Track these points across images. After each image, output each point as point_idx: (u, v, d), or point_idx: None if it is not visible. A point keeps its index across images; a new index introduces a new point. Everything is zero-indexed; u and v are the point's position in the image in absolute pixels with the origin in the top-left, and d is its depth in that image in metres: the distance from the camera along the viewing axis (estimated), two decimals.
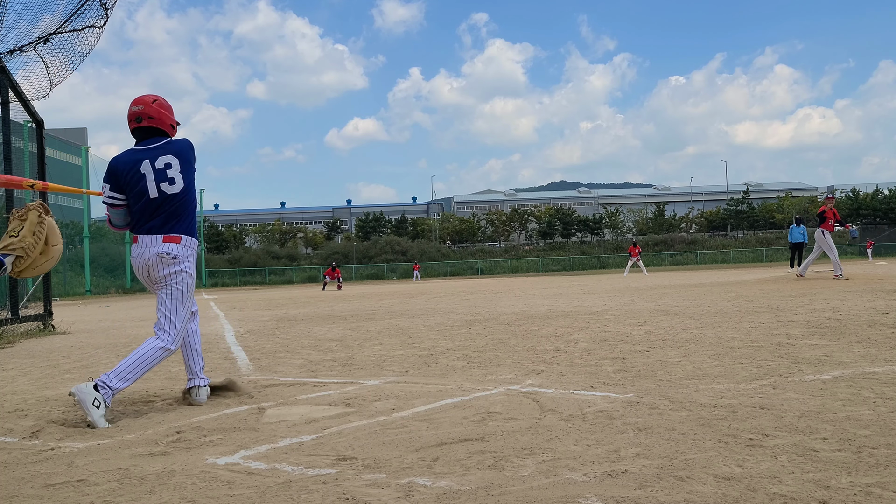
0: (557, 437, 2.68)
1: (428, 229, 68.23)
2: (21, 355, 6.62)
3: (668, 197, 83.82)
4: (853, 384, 3.43)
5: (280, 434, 2.97)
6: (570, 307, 9.79)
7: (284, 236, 65.69)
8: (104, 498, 2.22)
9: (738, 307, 8.29)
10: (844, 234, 59.87)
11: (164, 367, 5.29)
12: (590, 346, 5.35)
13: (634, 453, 2.42)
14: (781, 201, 67.35)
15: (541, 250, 64.47)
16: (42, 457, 2.77)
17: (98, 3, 7.58)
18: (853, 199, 64.24)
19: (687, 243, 62.39)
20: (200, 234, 46.24)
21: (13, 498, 2.26)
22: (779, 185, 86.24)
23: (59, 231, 3.20)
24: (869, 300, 8.32)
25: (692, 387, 3.57)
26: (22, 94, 8.71)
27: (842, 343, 4.86)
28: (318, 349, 6.07)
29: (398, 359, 5.22)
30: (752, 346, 4.94)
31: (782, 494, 1.96)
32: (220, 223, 67.41)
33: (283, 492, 2.19)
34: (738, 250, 58.21)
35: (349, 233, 71.16)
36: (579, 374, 4.11)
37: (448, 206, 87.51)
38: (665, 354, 4.75)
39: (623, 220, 70.39)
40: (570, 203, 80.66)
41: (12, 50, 8.02)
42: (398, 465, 2.41)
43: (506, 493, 2.07)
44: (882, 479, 2.06)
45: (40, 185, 4.11)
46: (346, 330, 7.89)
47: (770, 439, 2.52)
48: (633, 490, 2.04)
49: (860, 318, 6.31)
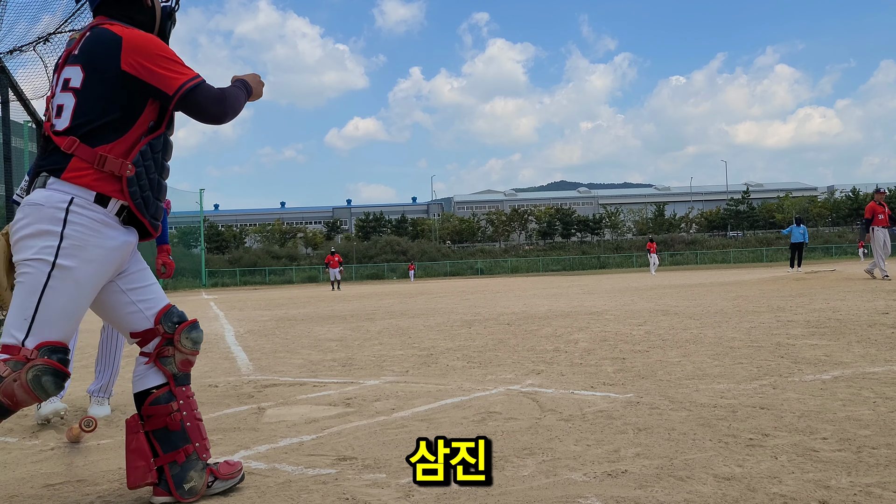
0: (557, 437, 2.68)
1: (428, 229, 68.24)
2: None
3: (668, 197, 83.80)
4: (853, 384, 3.43)
5: (280, 434, 2.97)
6: (569, 307, 9.80)
7: (284, 236, 65.68)
8: (104, 498, 2.22)
9: (738, 307, 8.30)
10: (845, 234, 59.91)
11: None
12: (590, 346, 5.35)
13: (634, 453, 2.42)
14: (781, 201, 67.32)
15: (541, 250, 64.47)
16: (42, 457, 2.78)
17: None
18: (853, 199, 64.23)
19: (687, 243, 62.38)
20: (201, 233, 46.27)
21: (13, 498, 2.26)
22: (779, 185, 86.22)
23: None
24: (869, 300, 8.32)
25: (692, 387, 3.57)
26: (22, 93, 8.71)
27: (842, 343, 4.86)
28: (318, 349, 6.07)
29: (398, 359, 5.22)
30: (752, 346, 4.94)
31: (782, 494, 1.96)
32: (220, 223, 67.39)
33: (283, 492, 2.19)
34: (738, 250, 58.17)
35: (349, 233, 71.18)
36: (579, 374, 4.11)
37: (448, 206, 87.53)
38: (665, 354, 4.75)
39: (623, 220, 70.35)
40: (570, 203, 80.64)
41: (12, 50, 8.02)
42: (398, 465, 2.40)
43: (506, 493, 2.07)
44: (882, 479, 2.06)
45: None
46: (346, 330, 7.89)
47: (770, 439, 2.52)
48: (633, 490, 2.05)
49: (860, 318, 6.31)
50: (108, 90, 2.04)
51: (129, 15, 2.19)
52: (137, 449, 2.10)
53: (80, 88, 2.05)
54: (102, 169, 2.01)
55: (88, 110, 2.04)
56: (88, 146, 2.01)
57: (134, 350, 2.29)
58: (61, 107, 2.07)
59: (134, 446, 2.10)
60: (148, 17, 2.24)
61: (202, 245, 45.80)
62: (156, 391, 2.14)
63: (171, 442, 2.12)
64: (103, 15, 2.18)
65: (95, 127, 2.03)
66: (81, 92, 2.05)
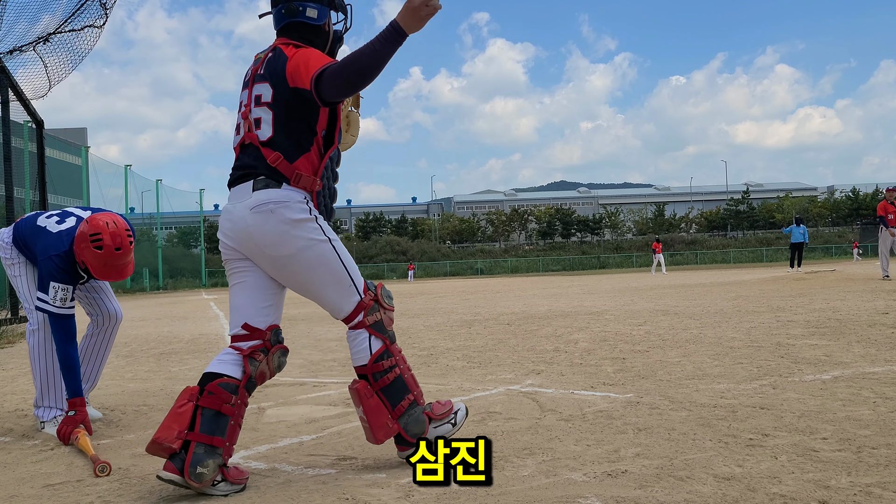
0: (557, 437, 2.68)
1: (428, 229, 68.22)
2: (21, 355, 6.62)
3: (668, 197, 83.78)
4: (853, 384, 3.43)
5: (280, 434, 2.97)
6: (569, 307, 9.80)
7: None
8: (104, 498, 2.22)
9: (738, 307, 8.29)
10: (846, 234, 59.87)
11: (163, 367, 5.29)
12: (590, 346, 5.34)
13: (634, 453, 2.42)
14: (781, 201, 67.30)
15: (541, 250, 64.46)
16: (42, 457, 2.77)
17: (98, 2, 7.58)
18: (853, 199, 64.25)
19: (687, 243, 62.38)
20: (201, 233, 46.22)
21: (13, 498, 2.26)
22: (779, 185, 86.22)
23: None
24: (869, 300, 8.32)
25: (692, 387, 3.57)
26: (22, 93, 8.71)
27: (842, 343, 4.86)
28: (318, 349, 6.07)
29: None
30: (752, 346, 4.94)
31: (782, 494, 1.96)
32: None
33: (283, 492, 2.19)
34: (738, 250, 58.16)
35: (349, 233, 71.13)
36: (579, 374, 4.11)
37: (448, 206, 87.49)
38: (665, 354, 4.74)
39: (623, 220, 70.34)
40: (570, 203, 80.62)
41: (12, 50, 8.02)
42: (398, 465, 2.41)
43: (506, 493, 2.07)
44: (882, 479, 2.06)
45: None
46: (346, 330, 7.88)
47: (770, 439, 2.52)
48: (633, 490, 2.04)
49: (860, 318, 6.31)
50: (289, 106, 2.29)
51: (308, 38, 2.40)
52: (376, 408, 2.34)
53: (271, 102, 2.30)
54: (298, 185, 2.29)
55: (283, 124, 2.29)
56: (288, 162, 2.29)
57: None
58: (259, 119, 2.32)
59: (373, 406, 2.33)
60: (323, 40, 2.45)
61: (202, 245, 45.72)
62: (378, 353, 2.37)
63: (397, 394, 2.36)
64: (285, 37, 2.41)
65: (290, 141, 2.29)
66: (273, 106, 2.30)
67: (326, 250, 2.31)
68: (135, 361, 5.77)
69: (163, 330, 8.84)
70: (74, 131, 52.05)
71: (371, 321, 2.38)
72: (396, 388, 2.36)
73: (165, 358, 5.85)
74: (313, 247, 2.28)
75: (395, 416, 2.34)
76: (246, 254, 2.34)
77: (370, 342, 2.37)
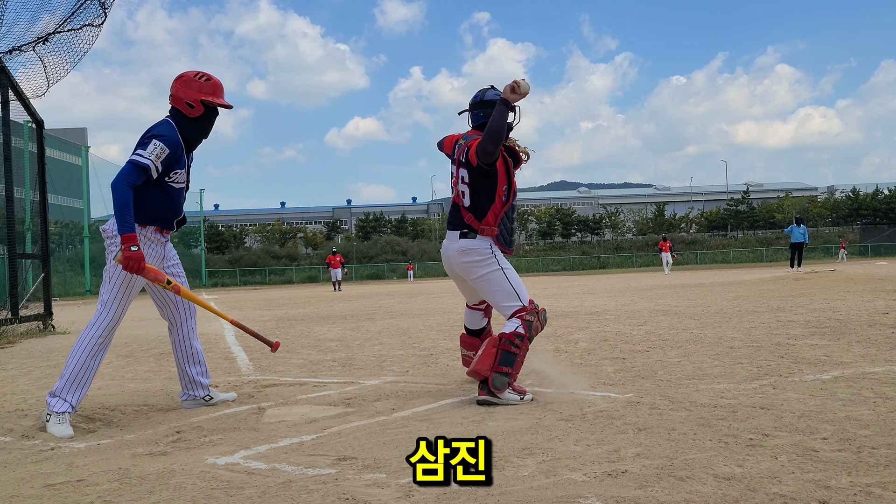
0: (557, 437, 2.68)
1: (428, 229, 68.21)
2: (21, 355, 6.62)
3: (668, 197, 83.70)
4: (853, 384, 3.43)
5: (280, 434, 2.97)
6: (570, 307, 9.79)
7: (284, 236, 65.61)
8: (104, 498, 2.22)
9: (738, 307, 8.29)
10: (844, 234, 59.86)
11: (163, 367, 5.29)
12: (590, 346, 5.34)
13: (634, 453, 2.42)
14: (781, 201, 67.25)
15: (541, 250, 64.43)
16: (42, 457, 2.77)
17: (97, 2, 7.57)
18: (853, 199, 64.19)
19: (687, 243, 62.35)
20: (201, 233, 46.26)
21: (13, 498, 2.26)
22: (779, 185, 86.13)
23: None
24: (869, 300, 8.32)
25: (692, 387, 3.57)
26: (22, 93, 8.70)
27: (842, 343, 4.86)
28: (318, 349, 6.07)
29: (398, 359, 5.22)
30: (752, 346, 4.94)
31: (782, 494, 1.96)
32: (220, 223, 67.30)
33: (283, 492, 2.19)
34: (738, 250, 58.13)
35: (349, 233, 71.10)
36: (579, 374, 4.11)
37: (448, 206, 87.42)
38: (665, 354, 4.74)
39: (623, 220, 70.29)
40: (570, 203, 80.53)
41: (11, 49, 8.01)
42: (398, 465, 2.40)
43: (506, 493, 2.06)
44: (882, 479, 2.06)
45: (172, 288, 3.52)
46: (346, 330, 7.89)
47: (770, 439, 2.52)
48: (633, 490, 2.04)
49: (860, 318, 6.31)
50: (478, 182, 3.45)
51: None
52: (490, 355, 3.29)
53: (469, 182, 3.48)
54: (484, 234, 3.47)
55: (477, 197, 3.46)
56: (478, 221, 3.47)
57: None
58: (463, 192, 3.52)
59: (489, 352, 3.30)
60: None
61: (202, 245, 45.76)
62: (517, 333, 3.32)
63: (506, 361, 3.28)
64: (477, 130, 3.58)
65: (480, 207, 3.46)
66: (471, 185, 3.47)
67: (498, 275, 3.44)
68: (135, 361, 5.77)
69: (163, 330, 8.82)
70: (74, 131, 52.04)
71: (527, 319, 3.35)
72: (510, 358, 3.28)
73: (165, 358, 5.85)
74: (489, 273, 3.44)
75: (493, 369, 3.25)
76: (452, 277, 3.69)
77: (518, 326, 3.33)
